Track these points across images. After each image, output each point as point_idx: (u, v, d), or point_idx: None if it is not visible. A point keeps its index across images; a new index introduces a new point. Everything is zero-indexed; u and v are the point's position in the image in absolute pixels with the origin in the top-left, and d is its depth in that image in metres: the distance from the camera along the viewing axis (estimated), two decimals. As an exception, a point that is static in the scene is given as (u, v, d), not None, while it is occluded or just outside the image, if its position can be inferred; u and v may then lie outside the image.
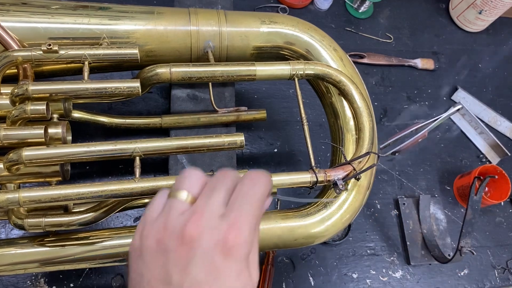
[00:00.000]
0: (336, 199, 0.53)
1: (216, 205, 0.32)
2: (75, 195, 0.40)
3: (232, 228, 0.31)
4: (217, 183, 0.33)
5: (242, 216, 0.31)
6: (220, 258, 0.30)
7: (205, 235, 0.30)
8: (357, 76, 0.58)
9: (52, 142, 0.45)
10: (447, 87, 0.90)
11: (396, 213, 0.77)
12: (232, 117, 0.60)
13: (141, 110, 0.72)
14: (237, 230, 0.31)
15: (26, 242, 0.47)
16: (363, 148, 0.50)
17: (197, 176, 0.34)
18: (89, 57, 0.46)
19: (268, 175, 0.35)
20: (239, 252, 0.30)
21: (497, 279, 0.77)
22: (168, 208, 0.32)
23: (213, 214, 0.31)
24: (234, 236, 0.30)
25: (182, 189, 0.33)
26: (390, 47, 0.91)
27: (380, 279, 0.72)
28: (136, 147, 0.43)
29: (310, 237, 0.51)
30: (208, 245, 0.30)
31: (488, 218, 0.81)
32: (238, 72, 0.50)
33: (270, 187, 0.35)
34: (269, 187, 0.35)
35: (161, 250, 0.31)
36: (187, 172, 0.35)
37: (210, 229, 0.30)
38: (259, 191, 0.34)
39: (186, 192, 0.33)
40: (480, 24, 0.96)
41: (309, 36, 0.57)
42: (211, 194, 0.33)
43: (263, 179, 0.34)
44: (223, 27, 0.55)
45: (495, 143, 0.84)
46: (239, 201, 0.32)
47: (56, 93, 0.44)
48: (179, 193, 0.33)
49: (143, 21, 0.53)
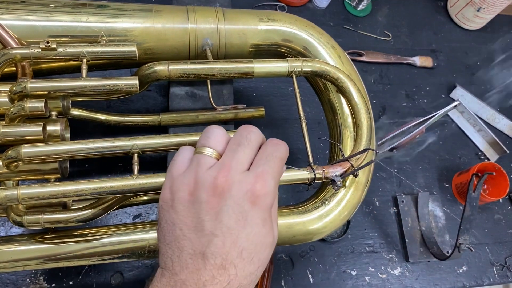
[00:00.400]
0: (334, 195, 0.53)
1: (242, 161, 0.35)
2: (74, 191, 0.41)
3: (259, 180, 0.34)
4: (242, 139, 0.36)
5: (268, 171, 0.35)
6: (248, 206, 0.33)
7: (235, 186, 0.33)
8: (355, 73, 0.58)
9: (50, 139, 0.45)
10: (445, 85, 0.91)
11: (395, 211, 0.77)
12: (230, 115, 0.61)
13: (139, 108, 0.72)
14: (263, 181, 0.34)
15: (25, 239, 0.47)
16: (361, 145, 0.50)
17: (221, 134, 0.37)
18: (87, 54, 0.46)
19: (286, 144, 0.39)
20: (265, 201, 0.34)
21: (495, 276, 0.77)
22: (197, 163, 0.35)
23: (239, 168, 0.34)
24: (261, 187, 0.34)
25: (208, 146, 0.36)
26: (388, 45, 0.91)
27: (379, 276, 0.72)
28: (134, 144, 0.43)
29: (308, 234, 0.51)
30: (238, 195, 0.33)
31: (486, 215, 0.82)
32: (236, 70, 0.50)
33: (287, 153, 0.38)
34: (287, 152, 0.38)
35: (193, 201, 0.33)
36: (210, 130, 0.37)
37: (238, 181, 0.34)
38: (281, 153, 0.37)
39: (211, 149, 0.36)
40: (479, 22, 0.96)
41: (307, 34, 0.57)
42: (237, 149, 0.35)
43: (284, 145, 0.38)
44: (221, 25, 0.55)
45: (494, 140, 0.84)
46: (264, 158, 0.36)
47: (54, 91, 0.44)
48: (205, 150, 0.36)
49: (141, 19, 0.53)
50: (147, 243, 0.48)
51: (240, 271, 0.33)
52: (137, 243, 0.48)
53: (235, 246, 0.33)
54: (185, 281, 0.32)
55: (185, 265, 0.32)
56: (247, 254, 0.33)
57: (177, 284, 0.32)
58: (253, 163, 0.36)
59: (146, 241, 0.48)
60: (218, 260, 0.32)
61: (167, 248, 0.34)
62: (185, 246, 0.33)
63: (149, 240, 0.48)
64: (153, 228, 0.50)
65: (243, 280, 0.33)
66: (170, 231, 0.34)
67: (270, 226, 0.35)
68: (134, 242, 0.48)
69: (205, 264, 0.32)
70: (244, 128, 0.37)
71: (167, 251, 0.34)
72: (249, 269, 0.33)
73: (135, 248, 0.48)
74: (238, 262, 0.33)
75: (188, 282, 0.32)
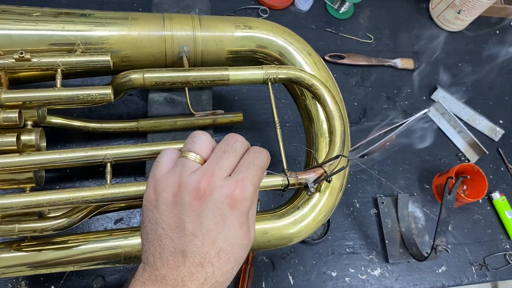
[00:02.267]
0: (309, 200, 0.54)
1: (224, 168, 0.37)
2: (47, 201, 0.41)
3: (239, 185, 0.36)
4: (227, 147, 0.38)
5: (248, 177, 0.37)
6: (227, 210, 0.36)
7: (216, 191, 0.35)
8: (331, 79, 0.59)
9: (25, 149, 0.45)
10: (426, 87, 0.92)
11: (375, 212, 0.78)
12: (209, 120, 0.61)
13: (121, 113, 0.72)
14: (242, 187, 0.36)
15: (3, 247, 0.48)
16: (334, 151, 0.51)
17: (206, 140, 0.39)
18: (62, 64, 0.47)
19: (268, 152, 0.41)
20: (243, 205, 0.36)
21: (474, 275, 0.78)
22: (182, 166, 0.37)
23: (222, 174, 0.36)
24: (240, 192, 0.36)
25: (192, 151, 0.38)
26: (370, 48, 0.92)
27: (359, 277, 0.73)
28: (107, 153, 0.43)
29: (283, 239, 0.52)
30: (218, 199, 0.35)
31: (466, 216, 0.83)
32: (212, 77, 0.50)
33: (269, 161, 0.40)
34: (269, 160, 0.40)
35: (176, 202, 0.35)
36: (196, 136, 0.39)
37: (220, 186, 0.36)
38: (262, 161, 0.39)
39: (195, 154, 0.38)
40: (460, 24, 0.97)
41: (283, 40, 0.58)
42: (222, 156, 0.37)
43: (266, 153, 0.40)
44: (197, 32, 0.56)
45: (474, 141, 0.86)
46: (246, 165, 0.38)
47: (28, 101, 0.45)
48: (189, 154, 0.38)
49: (117, 27, 0.53)
50: (122, 250, 0.49)
51: (217, 269, 0.35)
52: (114, 250, 0.49)
53: (213, 246, 0.35)
54: (165, 276, 0.34)
55: (166, 262, 0.35)
56: (224, 254, 0.35)
57: (157, 279, 0.34)
58: (235, 169, 0.38)
59: (122, 248, 0.49)
60: (197, 258, 0.34)
61: (150, 245, 0.36)
62: (166, 244, 0.35)
63: (124, 247, 0.49)
64: (131, 234, 0.51)
65: (219, 278, 0.35)
66: (153, 230, 0.36)
67: (247, 228, 0.37)
68: (111, 249, 0.49)
69: (185, 261, 0.34)
70: (231, 137, 0.39)
71: (149, 248, 0.36)
72: (226, 268, 0.36)
73: (111, 255, 0.49)
74: (216, 261, 0.35)
75: (168, 277, 0.34)
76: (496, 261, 0.80)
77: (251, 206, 0.38)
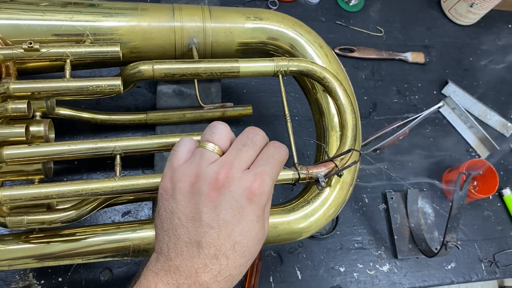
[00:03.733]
0: (319, 195, 0.53)
1: (244, 160, 0.37)
2: (56, 193, 0.41)
3: (257, 179, 0.36)
4: (247, 140, 0.38)
5: (267, 171, 0.36)
6: (245, 202, 0.35)
7: (235, 183, 0.35)
8: (343, 72, 0.58)
9: (34, 140, 0.45)
10: (437, 81, 0.90)
11: (384, 207, 0.78)
12: (218, 113, 0.61)
13: (129, 105, 0.72)
14: (261, 181, 0.36)
15: (11, 238, 0.48)
16: (346, 145, 0.50)
17: (225, 131, 0.38)
18: (71, 55, 0.46)
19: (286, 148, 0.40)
20: (261, 199, 0.36)
21: (483, 272, 0.78)
22: (200, 156, 0.36)
23: (241, 167, 0.36)
24: (259, 185, 0.35)
25: (211, 142, 0.37)
26: (380, 41, 0.91)
27: (367, 273, 0.73)
28: (116, 145, 0.43)
29: (292, 233, 0.52)
30: (237, 191, 0.35)
31: (476, 212, 0.82)
32: (222, 69, 0.50)
33: (287, 157, 0.40)
34: (287, 156, 0.40)
35: (194, 193, 0.35)
36: (216, 126, 0.38)
37: (238, 178, 0.35)
38: (281, 156, 0.39)
39: (214, 145, 0.37)
40: (472, 17, 0.96)
41: (295, 32, 0.57)
42: (241, 149, 0.37)
43: (284, 149, 0.40)
44: (207, 23, 0.55)
45: (485, 137, 0.85)
46: (265, 159, 0.37)
47: (37, 92, 0.44)
48: (208, 145, 0.37)
49: (126, 18, 0.52)
50: (131, 243, 0.48)
51: (231, 262, 0.35)
52: (122, 243, 0.49)
53: (229, 238, 0.35)
54: (179, 266, 0.34)
55: (180, 252, 0.34)
56: (239, 247, 0.35)
57: (171, 269, 0.34)
58: (254, 162, 0.37)
59: (130, 241, 0.48)
60: (212, 250, 0.34)
61: (164, 235, 0.36)
62: (181, 235, 0.35)
63: (133, 240, 0.48)
64: (139, 227, 0.50)
65: (233, 271, 0.35)
66: (168, 219, 0.36)
67: (262, 223, 0.37)
68: (119, 242, 0.49)
69: (199, 252, 0.34)
70: (251, 130, 0.39)
71: (164, 238, 0.36)
72: (240, 261, 0.35)
73: (120, 248, 0.48)
74: (230, 254, 0.35)
75: (182, 268, 0.34)
76: (506, 258, 0.79)
77: (268, 201, 0.38)
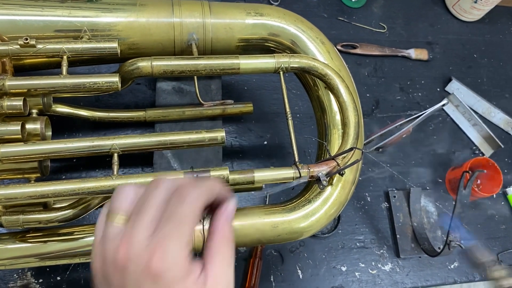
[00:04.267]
0: (321, 194, 0.52)
1: (144, 226, 0.31)
2: (52, 192, 0.40)
3: (156, 252, 0.29)
4: (146, 198, 0.32)
5: (168, 235, 0.30)
6: (149, 284, 0.29)
7: (132, 262, 0.30)
8: (345, 69, 0.57)
9: (30, 138, 0.44)
10: (440, 78, 0.89)
11: (387, 206, 0.77)
12: (218, 111, 0.60)
13: (128, 102, 0.71)
14: (161, 253, 0.29)
15: (8, 238, 0.47)
16: (348, 144, 0.49)
17: (126, 194, 0.33)
18: (68, 51, 0.45)
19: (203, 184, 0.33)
20: (167, 277, 0.29)
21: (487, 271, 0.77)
22: (104, 234, 0.32)
23: (142, 235, 0.30)
24: (158, 261, 0.29)
25: (113, 211, 0.33)
26: (383, 37, 0.90)
27: (369, 272, 0.72)
28: (113, 143, 0.42)
29: (293, 233, 0.51)
30: (136, 272, 0.30)
31: (479, 211, 0.81)
32: (222, 66, 0.49)
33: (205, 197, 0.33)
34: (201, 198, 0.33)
35: (104, 277, 0.31)
36: (118, 190, 0.34)
37: (136, 256, 0.30)
38: (186, 207, 0.31)
39: (116, 214, 0.32)
40: (476, 14, 0.94)
41: (296, 28, 0.56)
42: (139, 211, 0.32)
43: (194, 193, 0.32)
44: (207, 19, 0.54)
45: (489, 135, 0.83)
46: (166, 218, 0.31)
47: (33, 89, 0.43)
48: (112, 216, 0.32)
49: (125, 13, 0.52)
50: (129, 243, 0.48)
51: None
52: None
53: None
54: None
55: None
56: None
57: None
58: (158, 224, 0.31)
59: (128, 241, 0.48)
60: None
61: None
62: None
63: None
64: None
65: None
66: None
67: None
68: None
69: None
70: (152, 183, 0.34)
71: None
72: None
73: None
74: None
75: None
76: (510, 257, 0.78)
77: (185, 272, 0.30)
